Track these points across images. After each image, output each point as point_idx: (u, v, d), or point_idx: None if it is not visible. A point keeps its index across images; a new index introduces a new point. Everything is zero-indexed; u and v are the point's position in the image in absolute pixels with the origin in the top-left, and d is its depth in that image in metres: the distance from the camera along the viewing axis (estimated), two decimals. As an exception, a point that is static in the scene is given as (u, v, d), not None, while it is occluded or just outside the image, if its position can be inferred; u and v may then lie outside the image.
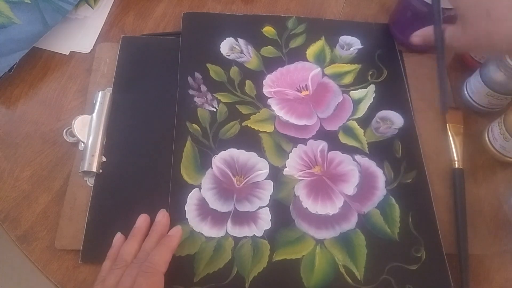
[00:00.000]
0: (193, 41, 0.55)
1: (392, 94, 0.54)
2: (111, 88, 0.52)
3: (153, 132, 0.50)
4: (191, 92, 0.52)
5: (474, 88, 0.52)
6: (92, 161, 0.46)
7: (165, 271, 0.38)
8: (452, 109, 0.53)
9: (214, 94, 0.52)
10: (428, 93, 0.55)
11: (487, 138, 0.51)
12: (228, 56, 0.55)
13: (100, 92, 0.50)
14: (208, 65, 0.54)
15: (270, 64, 0.55)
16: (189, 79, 0.52)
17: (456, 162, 0.50)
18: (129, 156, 0.48)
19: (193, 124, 0.50)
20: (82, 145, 0.48)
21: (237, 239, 0.44)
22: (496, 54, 0.47)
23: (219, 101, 0.51)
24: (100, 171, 0.47)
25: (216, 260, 0.42)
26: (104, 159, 0.48)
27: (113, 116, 0.50)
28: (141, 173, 0.47)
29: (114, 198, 0.46)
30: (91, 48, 0.56)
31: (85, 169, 0.46)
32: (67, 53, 0.56)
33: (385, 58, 0.56)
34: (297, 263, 0.43)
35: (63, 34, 0.57)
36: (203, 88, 0.52)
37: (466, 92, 0.54)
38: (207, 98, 0.51)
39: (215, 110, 0.51)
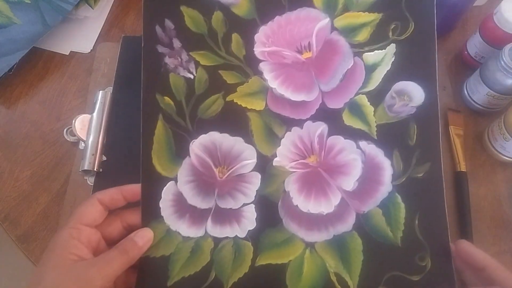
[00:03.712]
0: None
1: (416, 57, 0.42)
2: (112, 88, 0.52)
3: (153, 131, 0.49)
4: (160, 49, 0.42)
5: (474, 88, 0.52)
6: (93, 160, 0.46)
7: None
8: (453, 111, 0.53)
9: (190, 53, 0.42)
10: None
11: (487, 138, 0.51)
12: None
13: (101, 91, 0.50)
14: (183, 8, 0.43)
15: (266, 10, 0.43)
16: (157, 28, 0.42)
17: (458, 165, 0.50)
18: (129, 155, 0.48)
19: (165, 97, 0.41)
20: (83, 144, 0.48)
21: (217, 240, 0.39)
22: None
23: (197, 64, 0.42)
24: (101, 170, 0.47)
25: (192, 263, 0.38)
26: (104, 158, 0.48)
27: (113, 115, 0.50)
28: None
29: (114, 197, 0.46)
30: (91, 48, 0.56)
31: (86, 168, 0.46)
32: (67, 53, 0.56)
33: (415, 6, 0.43)
34: (283, 268, 0.38)
35: (63, 34, 0.57)
36: (176, 43, 0.42)
37: (466, 92, 0.54)
38: (181, 59, 0.42)
39: (192, 77, 0.42)
